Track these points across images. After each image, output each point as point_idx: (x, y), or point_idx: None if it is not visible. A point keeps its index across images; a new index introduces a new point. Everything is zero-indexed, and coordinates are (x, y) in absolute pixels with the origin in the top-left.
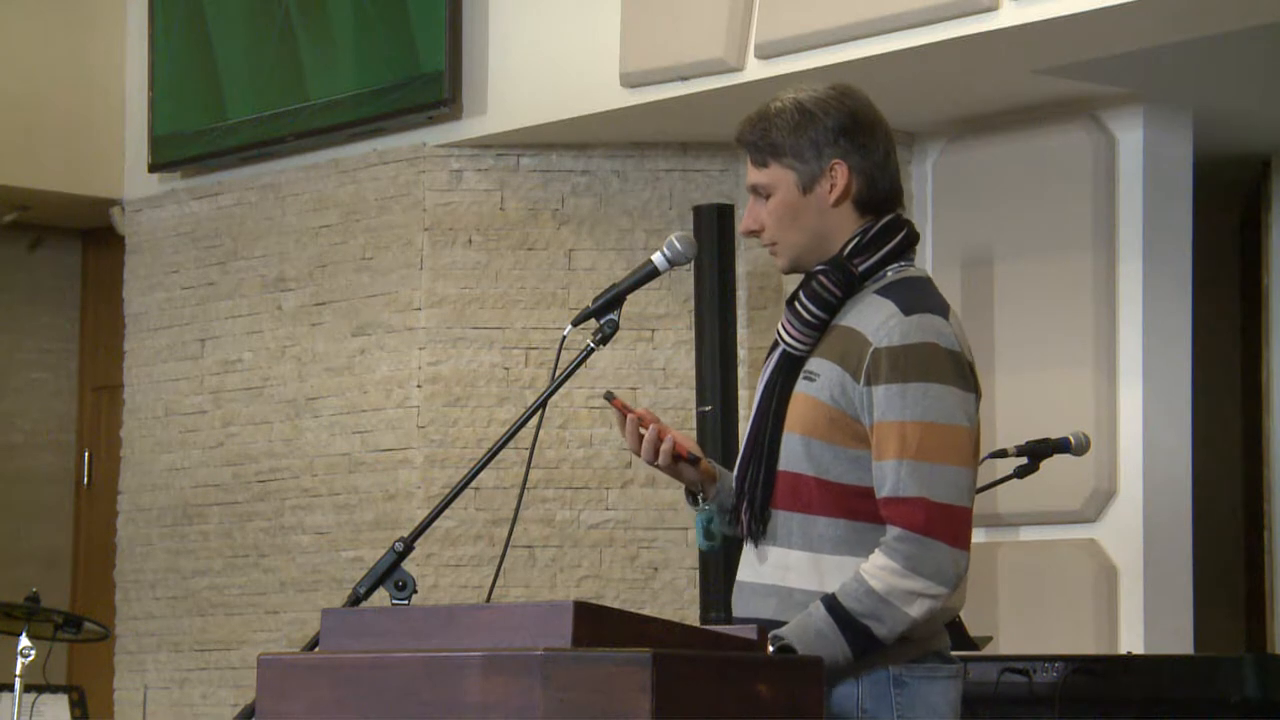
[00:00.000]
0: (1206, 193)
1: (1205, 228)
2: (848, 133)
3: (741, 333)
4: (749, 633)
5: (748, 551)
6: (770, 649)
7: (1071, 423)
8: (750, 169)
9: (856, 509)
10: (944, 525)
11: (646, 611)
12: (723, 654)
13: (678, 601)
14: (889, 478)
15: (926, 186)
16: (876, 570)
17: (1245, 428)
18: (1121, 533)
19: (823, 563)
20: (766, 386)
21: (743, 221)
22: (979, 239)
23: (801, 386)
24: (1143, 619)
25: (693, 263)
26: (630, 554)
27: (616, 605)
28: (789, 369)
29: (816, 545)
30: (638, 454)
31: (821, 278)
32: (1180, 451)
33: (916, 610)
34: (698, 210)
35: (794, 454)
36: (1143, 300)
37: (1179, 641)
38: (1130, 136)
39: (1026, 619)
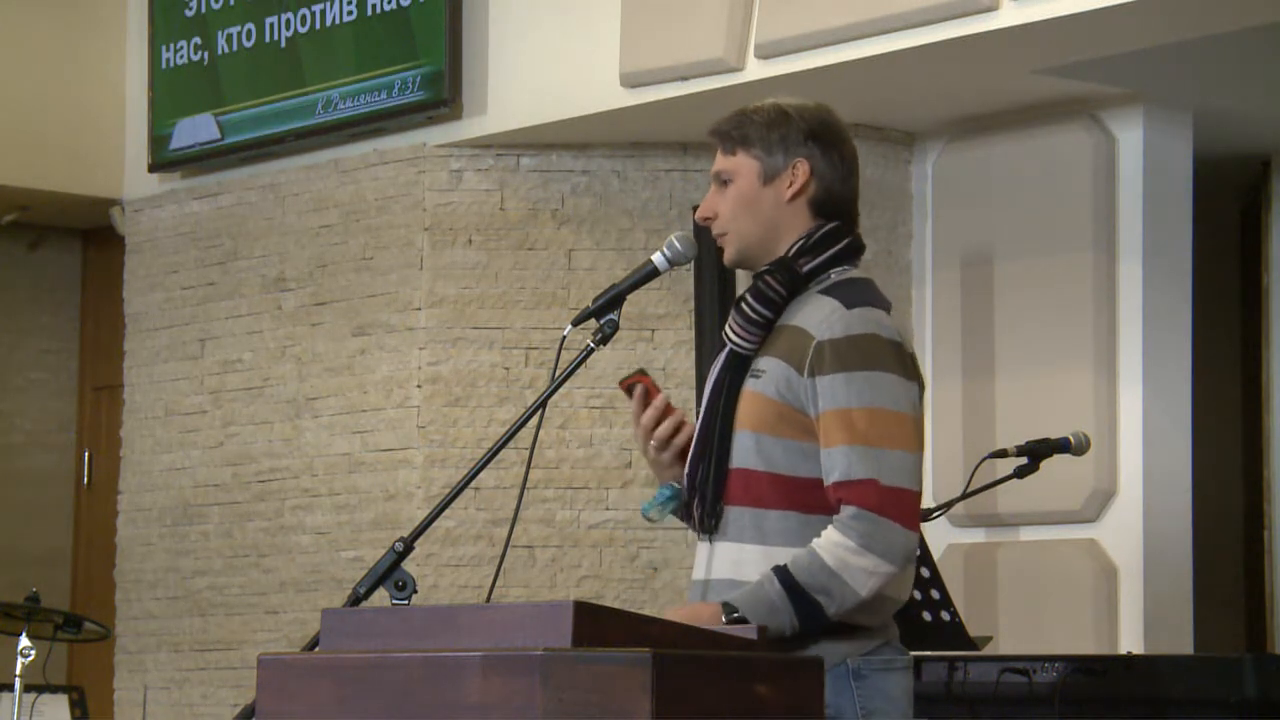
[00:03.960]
0: (1206, 193)
1: (1205, 228)
2: (816, 137)
3: None
4: (749, 633)
5: (701, 549)
6: (723, 619)
7: (1071, 423)
8: (718, 156)
9: (806, 501)
10: (895, 506)
11: (646, 611)
12: (723, 654)
13: (677, 601)
14: (839, 463)
15: (926, 186)
16: (830, 546)
17: (1245, 428)
18: (1121, 533)
19: (773, 555)
20: (715, 385)
21: (700, 208)
22: (979, 239)
23: (749, 384)
24: (1143, 619)
25: (693, 263)
26: (630, 554)
27: (616, 605)
28: (737, 368)
29: (770, 538)
30: (649, 437)
31: (767, 278)
32: (1180, 451)
33: (867, 589)
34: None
35: (745, 450)
36: (1143, 300)
37: (1179, 641)
38: (1130, 136)
39: (1026, 619)
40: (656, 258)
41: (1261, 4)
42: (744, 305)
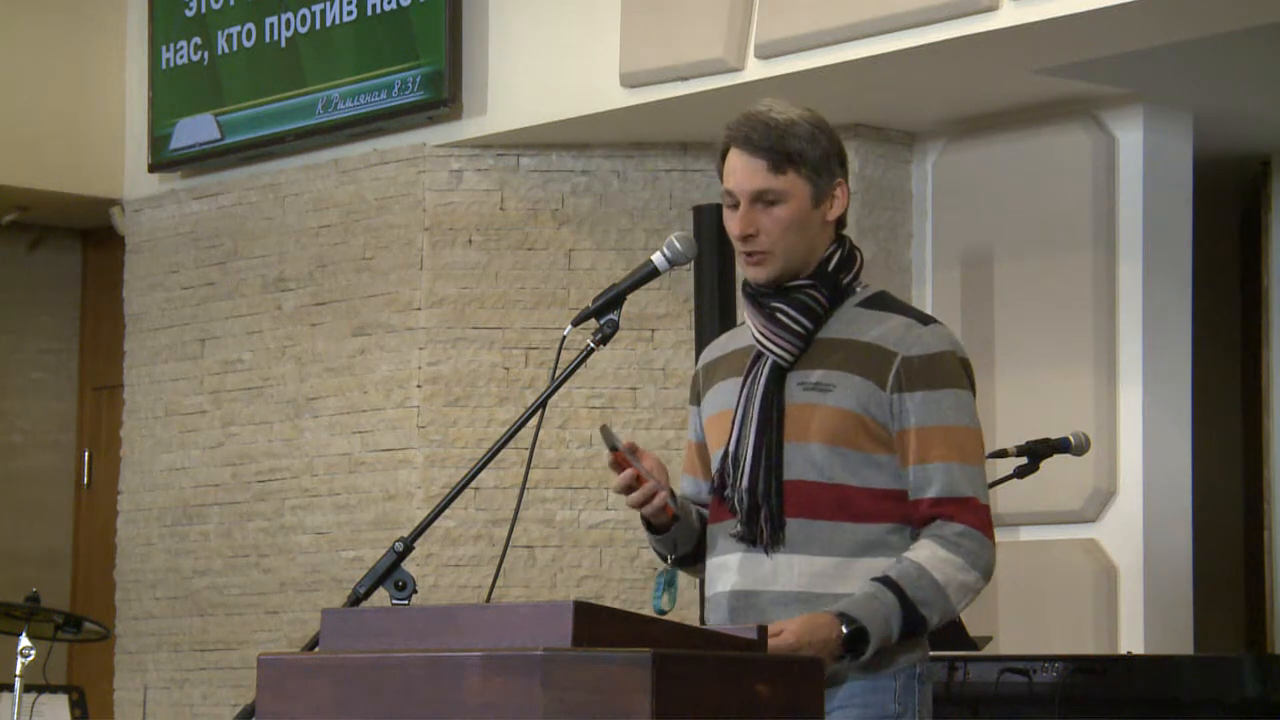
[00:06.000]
0: (1206, 193)
1: (1205, 228)
2: (840, 155)
3: None
4: (749, 633)
5: (752, 560)
6: (844, 629)
7: (1071, 423)
8: (759, 173)
9: (883, 511)
10: (989, 525)
11: (646, 612)
12: (723, 654)
13: (678, 601)
14: (938, 478)
15: (926, 186)
16: (938, 562)
17: (1245, 428)
18: (1121, 533)
19: (853, 566)
20: (764, 398)
21: (740, 224)
22: (979, 239)
23: (809, 397)
24: (1143, 619)
25: (693, 263)
26: (630, 554)
27: (616, 605)
28: (780, 380)
29: (844, 550)
30: (624, 493)
31: (811, 291)
32: (1180, 451)
33: (963, 604)
34: (698, 210)
35: (814, 463)
36: (1143, 300)
37: (1179, 641)
38: (1130, 136)
39: (1026, 619)
40: (656, 258)
41: (1261, 4)
42: (783, 318)
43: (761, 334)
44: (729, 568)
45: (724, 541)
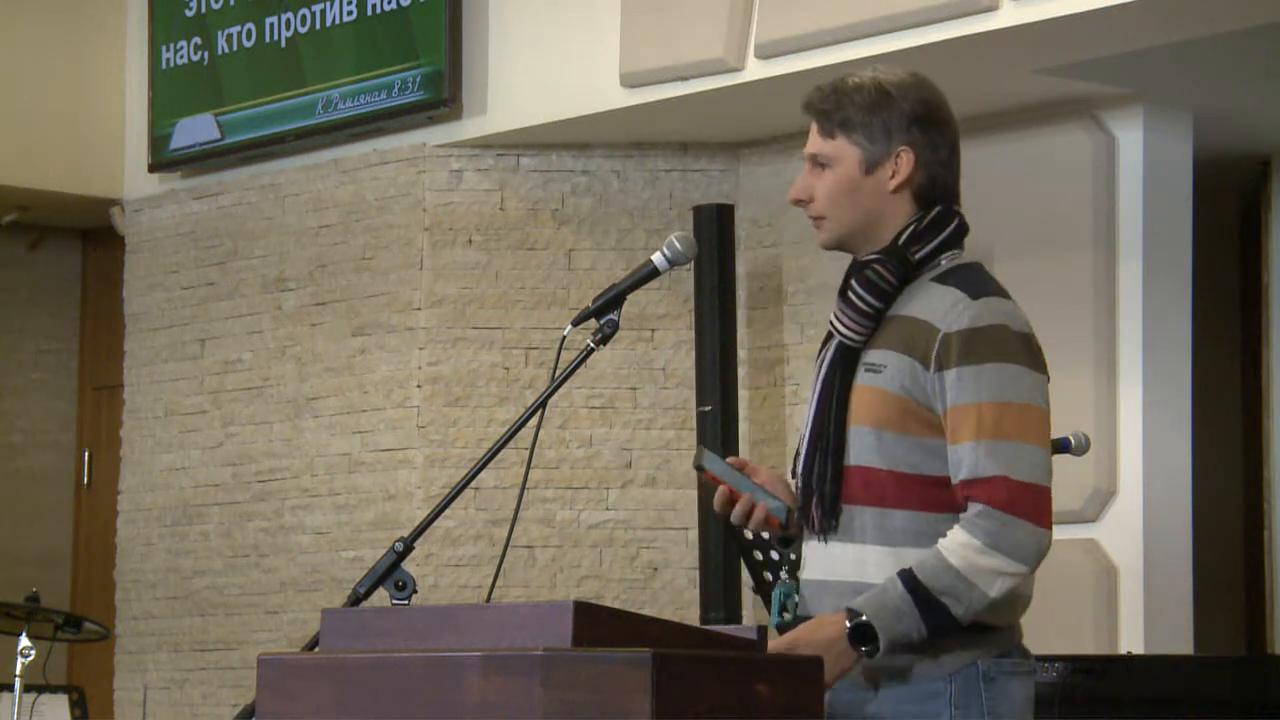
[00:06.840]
0: (1206, 193)
1: (1205, 228)
2: (920, 122)
3: (741, 333)
4: (749, 633)
5: (814, 549)
6: (847, 625)
7: (1071, 423)
8: (814, 137)
9: (934, 499)
10: (1027, 503)
11: (646, 611)
12: (723, 654)
13: (678, 601)
14: (966, 459)
15: None
16: (956, 547)
17: (1245, 428)
18: (1121, 533)
19: (903, 556)
20: (825, 380)
21: (792, 189)
22: (979, 239)
23: (865, 379)
24: (1143, 619)
25: (693, 263)
26: (630, 554)
27: (616, 605)
28: (846, 361)
29: (895, 539)
30: (723, 511)
31: (877, 266)
32: (1180, 451)
33: (996, 590)
34: (698, 210)
35: (865, 448)
36: (1143, 300)
37: (1179, 641)
38: (1130, 136)
39: (1026, 619)
40: (656, 258)
41: (1261, 4)
42: (852, 296)
43: (833, 314)
44: (805, 556)
45: (805, 529)
